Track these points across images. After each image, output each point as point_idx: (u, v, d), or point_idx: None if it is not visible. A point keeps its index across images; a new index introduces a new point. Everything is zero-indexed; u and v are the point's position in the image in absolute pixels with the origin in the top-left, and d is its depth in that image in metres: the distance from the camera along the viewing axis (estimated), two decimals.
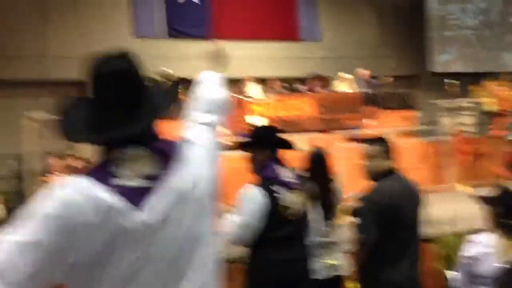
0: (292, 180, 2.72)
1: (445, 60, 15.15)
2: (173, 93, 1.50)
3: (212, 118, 1.54)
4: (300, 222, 2.72)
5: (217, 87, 1.67)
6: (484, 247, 2.61)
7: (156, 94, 1.42)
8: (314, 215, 3.27)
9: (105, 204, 1.18)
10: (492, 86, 10.82)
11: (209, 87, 1.67)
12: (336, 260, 3.27)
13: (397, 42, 15.00)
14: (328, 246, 3.26)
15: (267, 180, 2.67)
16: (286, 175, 2.70)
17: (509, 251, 2.52)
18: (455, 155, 10.69)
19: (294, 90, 11.61)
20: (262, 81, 11.84)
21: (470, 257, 2.67)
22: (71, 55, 11.07)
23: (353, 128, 11.29)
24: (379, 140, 2.96)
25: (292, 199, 2.64)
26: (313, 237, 3.21)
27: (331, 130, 10.84)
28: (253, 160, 2.82)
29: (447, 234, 4.56)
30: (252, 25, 13.74)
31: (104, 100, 1.28)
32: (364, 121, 11.36)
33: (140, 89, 1.32)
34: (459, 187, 10.52)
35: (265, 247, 2.63)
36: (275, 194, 2.62)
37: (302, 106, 11.03)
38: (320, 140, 9.98)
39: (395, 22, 15.07)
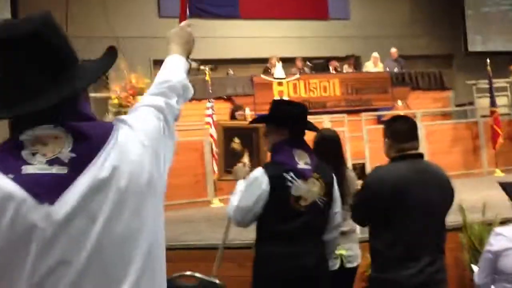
0: (309, 167, 2.40)
1: (481, 38, 14.44)
2: (105, 62, 1.22)
3: (162, 101, 1.30)
4: (315, 213, 2.40)
5: (177, 69, 1.42)
6: (508, 241, 2.33)
7: (86, 66, 1.18)
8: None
9: (3, 195, 0.97)
10: None
11: (168, 69, 1.43)
12: (346, 250, 3.00)
13: (429, 20, 14.34)
14: (340, 236, 3.00)
15: (280, 165, 2.39)
16: (304, 161, 2.40)
17: None
18: (490, 138, 10.20)
19: (321, 70, 11.25)
20: (289, 60, 11.54)
21: (493, 251, 2.39)
22: (95, 35, 11.02)
23: (382, 109, 10.91)
24: (397, 120, 2.66)
25: (306, 189, 2.35)
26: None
27: (359, 111, 10.49)
28: (267, 138, 2.56)
29: (475, 223, 4.23)
30: (280, 4, 13.38)
31: (5, 71, 1.06)
32: (394, 102, 10.96)
33: (53, 58, 1.09)
34: (497, 172, 10.06)
35: (273, 240, 2.40)
36: (287, 183, 2.34)
37: (328, 87, 10.68)
38: (346, 121, 9.68)
39: None
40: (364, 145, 9.37)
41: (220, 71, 11.40)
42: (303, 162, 2.40)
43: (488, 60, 10.54)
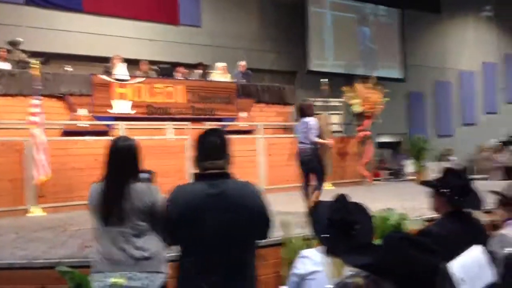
0: None
1: (321, 59, 15.48)
2: None
3: None
4: None
5: None
6: (314, 264, 2.26)
7: None
8: (97, 223, 2.72)
9: None
10: (361, 88, 11.15)
11: None
12: (127, 279, 2.57)
13: (276, 37, 14.98)
14: (119, 261, 2.63)
15: None
16: None
17: (336, 271, 2.18)
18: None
19: (167, 75, 10.91)
20: (134, 62, 11.00)
21: (298, 275, 2.30)
22: None
23: (226, 119, 10.97)
24: (205, 136, 2.36)
25: None
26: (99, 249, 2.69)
27: (203, 120, 10.39)
28: None
29: (295, 238, 4.27)
30: (128, 3, 12.75)
31: None
32: (238, 113, 11.09)
33: None
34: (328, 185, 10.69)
35: None
36: None
37: (173, 93, 10.39)
38: (189, 129, 9.50)
39: (276, 17, 15.04)
40: None
41: (56, 67, 10.44)
42: None
43: (325, 80, 11.27)
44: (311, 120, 6.62)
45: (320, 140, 6.70)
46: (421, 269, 1.47)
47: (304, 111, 6.86)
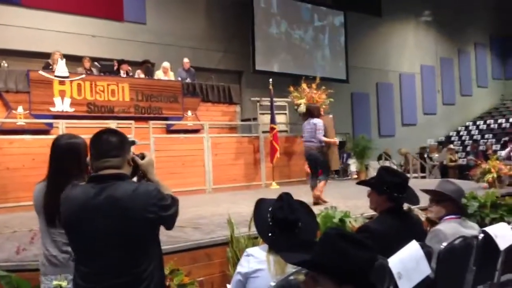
0: None
1: (267, 59, 15.56)
2: None
3: None
4: None
5: None
6: (258, 263, 2.27)
7: None
8: (41, 224, 2.66)
9: None
10: (306, 88, 11.32)
11: None
12: (69, 281, 2.48)
13: (223, 37, 14.93)
14: (60, 264, 2.57)
15: None
16: None
17: (279, 269, 2.20)
18: (269, 153, 10.94)
19: (108, 72, 10.60)
20: (75, 59, 10.63)
21: (243, 273, 2.30)
22: None
23: (172, 118, 10.82)
24: (99, 135, 2.15)
25: None
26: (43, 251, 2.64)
27: (148, 118, 10.20)
28: None
29: (241, 237, 4.27)
30: None
31: None
32: (184, 112, 10.97)
33: None
34: (273, 184, 10.81)
35: None
36: None
37: (117, 90, 10.13)
38: (134, 128, 9.30)
39: (223, 16, 14.99)
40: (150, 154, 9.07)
41: None
42: None
43: (271, 80, 11.36)
44: (319, 122, 7.36)
45: (327, 139, 7.39)
46: (355, 264, 1.50)
47: (311, 113, 7.59)
